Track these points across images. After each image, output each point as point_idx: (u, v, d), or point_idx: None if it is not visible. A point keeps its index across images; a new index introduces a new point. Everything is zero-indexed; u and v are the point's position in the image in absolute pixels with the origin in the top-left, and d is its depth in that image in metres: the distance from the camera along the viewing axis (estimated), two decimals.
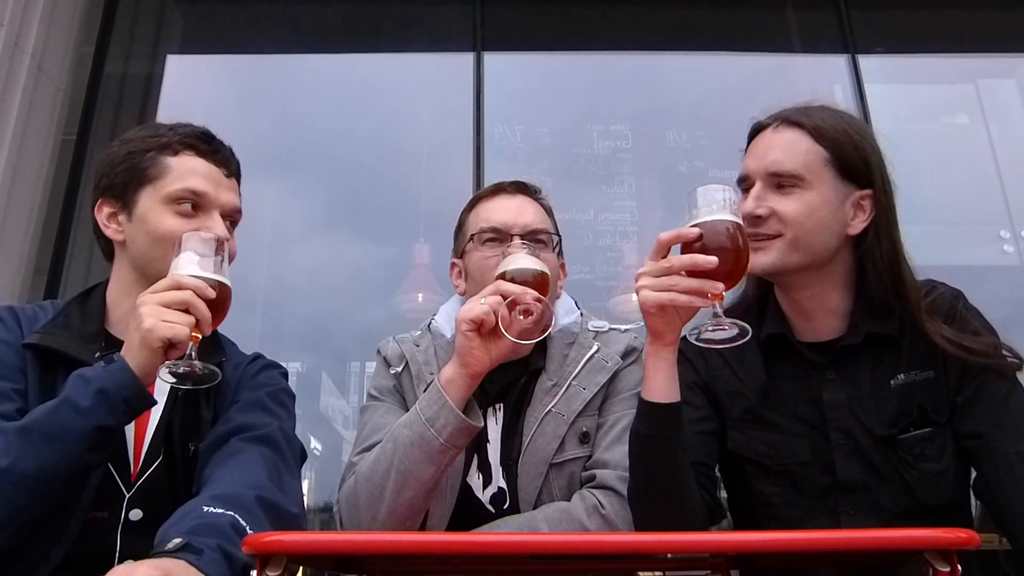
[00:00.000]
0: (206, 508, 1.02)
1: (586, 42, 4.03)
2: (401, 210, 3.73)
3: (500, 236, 1.50)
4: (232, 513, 1.01)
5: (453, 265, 1.62)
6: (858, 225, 1.32)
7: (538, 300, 1.26)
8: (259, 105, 3.91)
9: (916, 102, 4.04)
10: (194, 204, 1.29)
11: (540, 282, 1.30)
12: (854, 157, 1.32)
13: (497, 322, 1.27)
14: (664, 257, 1.15)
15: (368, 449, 1.43)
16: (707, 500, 1.30)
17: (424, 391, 1.46)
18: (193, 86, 3.92)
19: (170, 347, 1.09)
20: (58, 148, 3.48)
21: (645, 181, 3.77)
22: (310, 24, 4.05)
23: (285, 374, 1.45)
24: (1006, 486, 1.20)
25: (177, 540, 0.92)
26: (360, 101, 3.93)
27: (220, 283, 1.15)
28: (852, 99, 3.81)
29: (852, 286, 1.35)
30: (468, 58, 3.83)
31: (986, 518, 1.35)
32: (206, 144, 1.35)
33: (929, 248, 3.64)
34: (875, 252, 1.31)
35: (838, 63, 3.92)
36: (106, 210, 1.33)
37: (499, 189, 1.59)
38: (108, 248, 1.37)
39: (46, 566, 1.12)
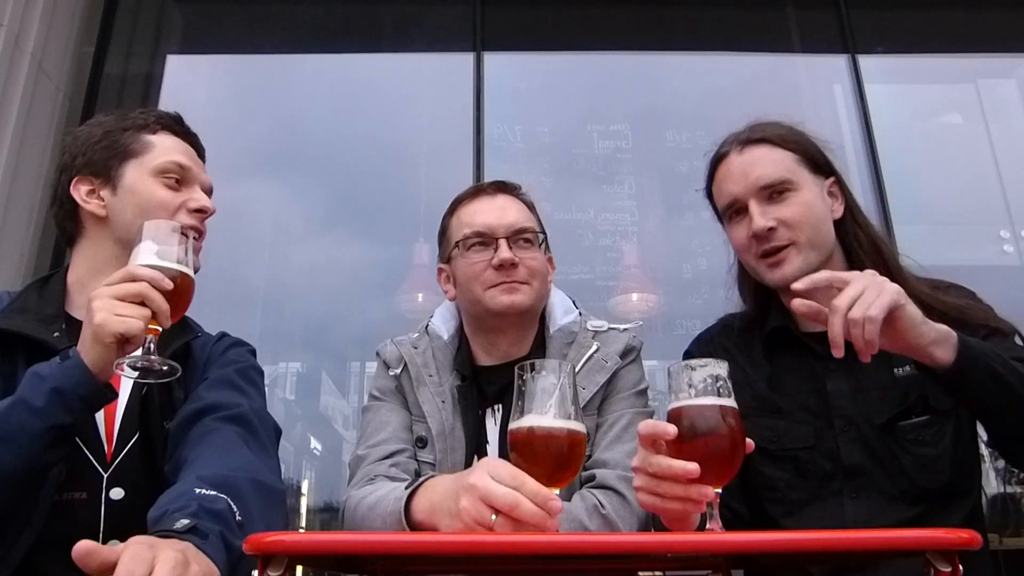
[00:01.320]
0: (199, 490, 1.01)
1: (586, 42, 4.03)
2: (401, 210, 3.73)
3: (485, 239, 1.49)
4: (225, 497, 1.01)
5: (440, 271, 1.61)
6: (838, 209, 1.43)
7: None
8: (259, 105, 3.91)
9: (916, 102, 4.03)
10: (178, 178, 1.34)
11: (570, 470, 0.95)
12: (814, 151, 1.44)
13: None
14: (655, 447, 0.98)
15: (375, 446, 1.44)
16: (728, 516, 1.34)
17: (430, 390, 1.47)
18: (193, 86, 3.92)
19: (125, 341, 1.04)
20: (58, 148, 3.48)
21: (645, 181, 3.76)
22: (310, 24, 4.04)
23: (253, 351, 1.46)
24: None
25: (185, 521, 0.91)
26: (360, 101, 3.93)
27: (181, 273, 1.09)
28: (852, 99, 3.81)
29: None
30: (468, 58, 3.82)
31: (995, 517, 1.38)
32: (180, 126, 1.41)
33: (929, 248, 3.64)
34: (856, 230, 1.42)
35: (838, 63, 3.91)
36: (83, 187, 1.33)
37: (479, 191, 1.58)
38: (74, 229, 1.36)
39: (17, 550, 1.10)
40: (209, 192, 1.41)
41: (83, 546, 0.76)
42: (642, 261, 3.62)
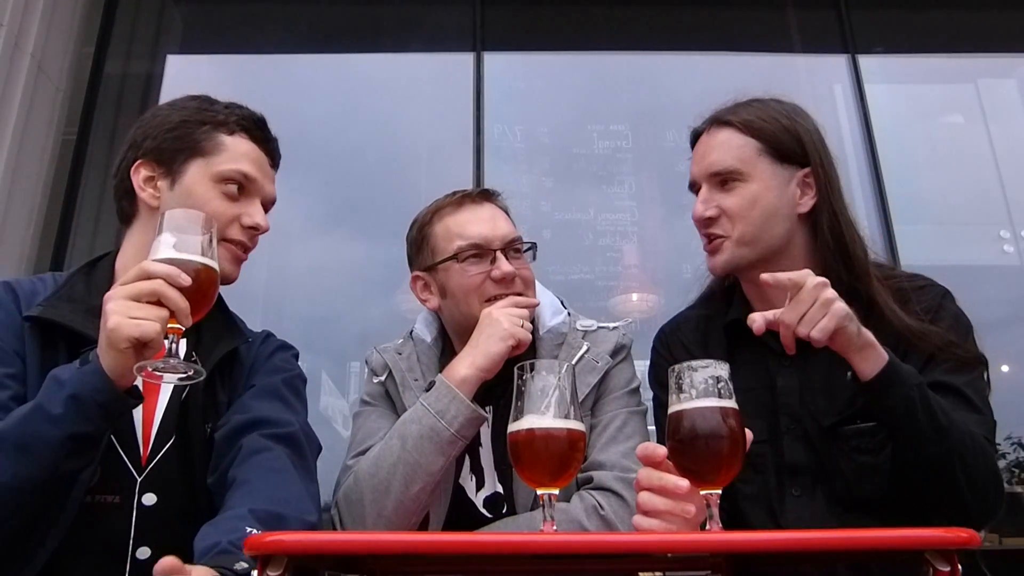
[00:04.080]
0: (250, 529, 0.98)
1: (586, 42, 4.03)
2: (401, 210, 3.70)
3: (481, 251, 1.47)
4: None
5: (417, 279, 1.56)
6: (807, 203, 1.38)
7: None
8: (259, 105, 3.87)
9: (916, 102, 4.03)
10: (241, 187, 1.28)
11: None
12: (786, 140, 1.38)
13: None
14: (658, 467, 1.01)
15: (364, 453, 1.43)
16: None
17: (416, 394, 1.47)
18: (193, 86, 3.87)
19: (143, 345, 0.96)
20: (58, 148, 3.48)
21: (645, 181, 3.76)
22: (310, 24, 4.04)
23: (297, 355, 1.43)
24: None
25: (244, 565, 0.90)
26: (360, 101, 3.93)
27: (204, 266, 1.01)
28: (852, 99, 3.81)
29: (815, 268, 1.35)
30: (468, 58, 3.82)
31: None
32: (260, 131, 1.35)
33: (929, 248, 3.65)
34: (821, 224, 1.36)
35: (838, 63, 3.91)
36: (144, 172, 1.27)
37: (464, 199, 1.54)
38: (130, 210, 1.29)
39: (43, 551, 1.06)
40: (271, 203, 1.35)
41: (167, 563, 0.80)
42: (642, 261, 3.62)
